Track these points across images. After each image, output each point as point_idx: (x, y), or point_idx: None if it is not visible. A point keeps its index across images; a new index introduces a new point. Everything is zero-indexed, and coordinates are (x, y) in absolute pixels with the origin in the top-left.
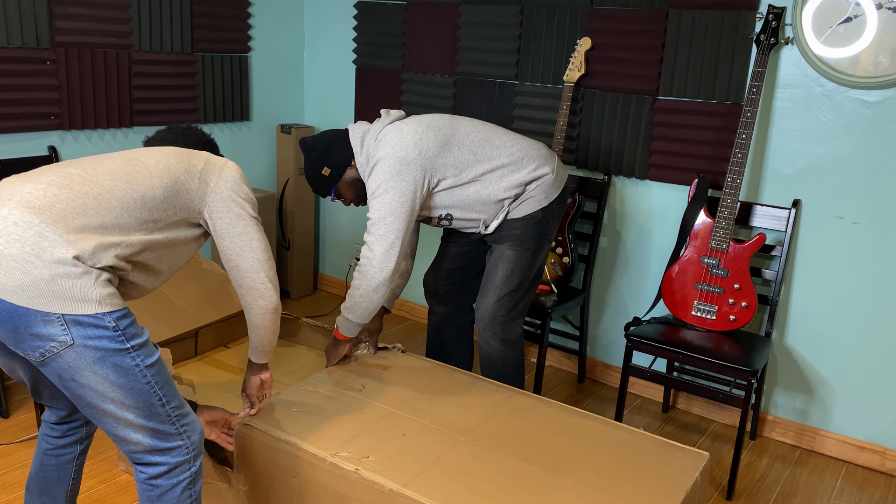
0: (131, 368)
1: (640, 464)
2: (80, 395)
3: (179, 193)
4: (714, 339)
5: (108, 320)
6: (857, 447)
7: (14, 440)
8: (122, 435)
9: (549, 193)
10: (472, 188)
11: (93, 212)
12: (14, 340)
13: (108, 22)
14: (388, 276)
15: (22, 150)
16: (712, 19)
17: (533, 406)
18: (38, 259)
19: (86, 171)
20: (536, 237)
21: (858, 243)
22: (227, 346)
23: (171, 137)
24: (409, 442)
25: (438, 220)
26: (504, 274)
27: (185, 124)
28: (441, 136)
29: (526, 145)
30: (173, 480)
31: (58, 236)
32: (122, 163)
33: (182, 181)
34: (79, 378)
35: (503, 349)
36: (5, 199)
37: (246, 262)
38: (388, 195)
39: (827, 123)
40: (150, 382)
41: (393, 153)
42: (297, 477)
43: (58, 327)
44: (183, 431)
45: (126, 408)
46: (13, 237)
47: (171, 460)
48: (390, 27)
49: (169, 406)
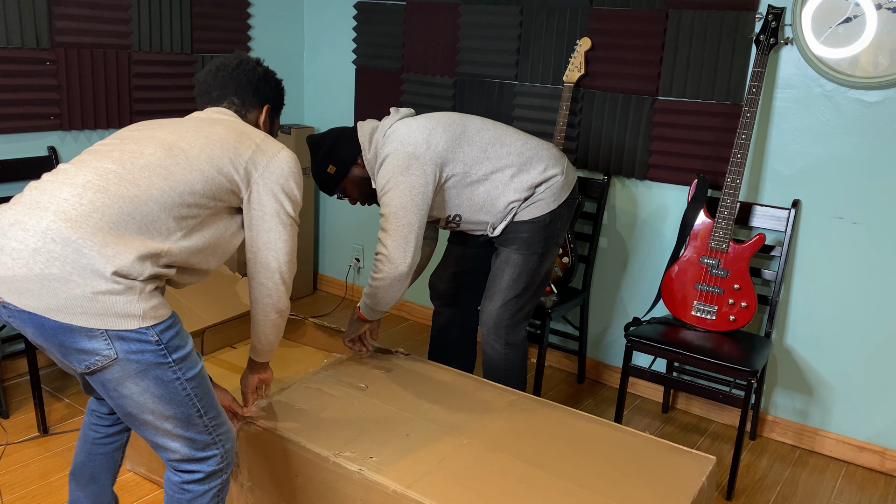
0: (171, 382)
1: (646, 468)
2: (122, 404)
3: (221, 185)
4: (714, 340)
5: (151, 334)
6: (856, 447)
7: (14, 440)
8: (160, 443)
9: (557, 196)
10: (482, 188)
11: (129, 217)
12: (61, 354)
13: (108, 22)
14: (405, 272)
15: (21, 151)
16: (712, 19)
17: (537, 409)
18: (79, 277)
19: (123, 166)
20: (544, 241)
21: (858, 243)
22: (233, 347)
23: (220, 83)
24: (413, 443)
25: (447, 221)
26: (510, 278)
27: (236, 60)
28: (451, 132)
29: (536, 145)
30: (205, 487)
31: (95, 252)
32: (163, 152)
33: (225, 172)
34: (121, 389)
35: (506, 352)
36: (43, 209)
37: (265, 257)
38: (398, 190)
39: (826, 124)
40: (190, 395)
41: (402, 148)
42: (300, 476)
43: (102, 342)
44: (219, 440)
45: (165, 419)
46: (53, 256)
47: (207, 468)
48: (390, 27)
49: (207, 416)
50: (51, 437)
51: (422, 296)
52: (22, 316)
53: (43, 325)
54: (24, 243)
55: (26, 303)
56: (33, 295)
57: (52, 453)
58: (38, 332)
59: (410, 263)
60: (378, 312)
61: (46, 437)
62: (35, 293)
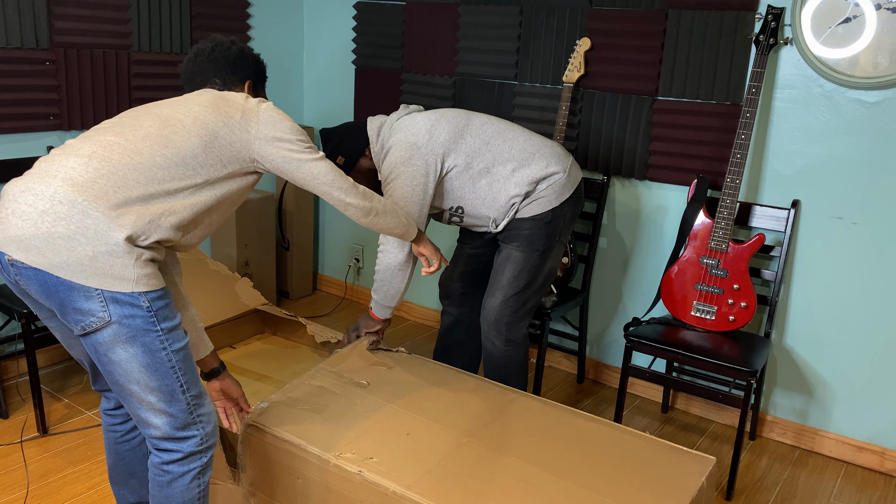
0: (158, 351)
1: (646, 468)
2: (111, 371)
3: (222, 148)
4: (713, 340)
5: (142, 300)
6: (856, 447)
7: (13, 441)
8: (143, 417)
9: (560, 194)
10: (484, 181)
11: (134, 183)
12: (61, 312)
13: (108, 22)
14: (403, 260)
15: (21, 151)
16: (711, 20)
17: (538, 408)
18: (82, 237)
19: (125, 137)
20: (546, 238)
21: (858, 244)
22: (233, 347)
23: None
24: (414, 442)
25: (450, 214)
26: (511, 275)
27: (211, 44)
28: (454, 125)
29: (539, 142)
30: (184, 468)
31: (100, 213)
32: (160, 124)
33: (222, 135)
34: (111, 354)
35: (507, 349)
36: (52, 176)
37: (316, 188)
38: (400, 180)
39: (826, 124)
40: (175, 367)
41: (405, 139)
42: (301, 478)
43: (97, 303)
44: (199, 422)
45: (150, 390)
46: (59, 216)
47: (186, 449)
48: (390, 27)
49: (189, 394)
50: (50, 437)
51: (422, 296)
52: (28, 273)
53: (46, 282)
54: (33, 206)
55: (33, 258)
56: (39, 252)
57: (52, 453)
58: (41, 289)
59: (409, 253)
60: (385, 308)
61: (46, 437)
62: (41, 250)
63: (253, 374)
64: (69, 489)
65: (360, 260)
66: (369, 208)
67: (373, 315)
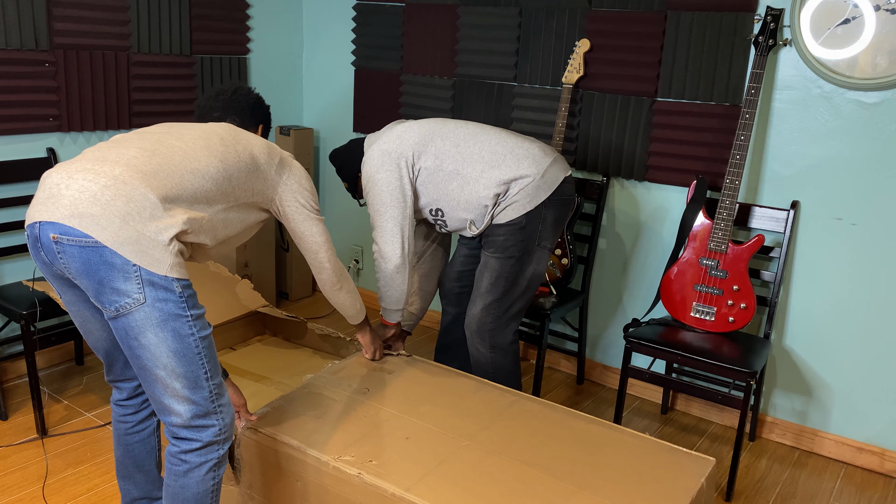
0: (187, 336)
1: (646, 469)
2: (139, 355)
3: (258, 179)
4: (713, 341)
5: (176, 286)
6: (856, 448)
7: (13, 442)
8: (166, 403)
9: (533, 197)
10: (455, 183)
11: (189, 185)
12: (96, 292)
13: (107, 24)
14: (399, 263)
15: (20, 152)
16: (711, 21)
17: (537, 410)
18: (138, 216)
19: (186, 143)
20: (520, 244)
21: (857, 244)
22: (233, 349)
23: (221, 105)
24: (413, 446)
25: (433, 219)
26: (489, 282)
27: (233, 87)
28: (426, 129)
29: (513, 145)
30: (202, 459)
31: (158, 201)
32: (216, 140)
33: (263, 170)
34: (141, 338)
35: (493, 356)
36: (114, 162)
37: (307, 245)
38: (376, 187)
39: (825, 125)
40: (201, 354)
41: (377, 147)
42: (300, 481)
43: (134, 284)
44: (219, 411)
45: (176, 376)
46: (121, 193)
47: (205, 438)
48: (389, 29)
49: (212, 382)
50: (50, 438)
51: None
52: (73, 250)
53: (89, 260)
54: (94, 182)
55: (85, 225)
56: (93, 219)
57: (51, 455)
58: (82, 267)
59: (402, 254)
60: (393, 312)
61: (45, 438)
62: (95, 217)
63: (253, 375)
64: (69, 490)
65: (359, 261)
66: (340, 281)
67: (385, 322)
